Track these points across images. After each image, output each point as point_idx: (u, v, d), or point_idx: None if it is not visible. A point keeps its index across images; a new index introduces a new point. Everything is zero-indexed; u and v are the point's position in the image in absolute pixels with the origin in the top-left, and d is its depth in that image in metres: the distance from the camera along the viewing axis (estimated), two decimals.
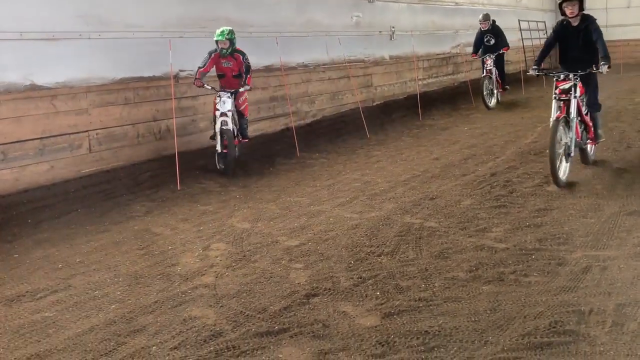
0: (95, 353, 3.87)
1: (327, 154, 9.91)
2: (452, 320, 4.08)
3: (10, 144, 7.35)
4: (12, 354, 3.90)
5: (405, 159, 9.23)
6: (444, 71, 18.00)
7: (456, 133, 11.40)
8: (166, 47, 8.40)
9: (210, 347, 3.88)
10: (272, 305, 4.45)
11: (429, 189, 7.40)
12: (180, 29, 9.49)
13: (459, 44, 18.75)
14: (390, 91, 15.36)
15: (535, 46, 22.98)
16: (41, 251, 5.76)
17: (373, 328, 4.03)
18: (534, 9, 24.68)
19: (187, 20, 9.70)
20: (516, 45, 22.40)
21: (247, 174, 8.60)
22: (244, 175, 8.57)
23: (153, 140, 9.10)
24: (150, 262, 5.38)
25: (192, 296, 4.66)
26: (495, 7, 21.33)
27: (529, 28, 23.22)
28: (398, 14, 15.69)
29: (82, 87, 8.14)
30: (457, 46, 18.70)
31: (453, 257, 5.18)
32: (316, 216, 6.56)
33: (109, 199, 7.46)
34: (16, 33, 7.45)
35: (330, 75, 13.09)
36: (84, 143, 8.13)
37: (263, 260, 5.35)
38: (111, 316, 4.36)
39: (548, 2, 26.56)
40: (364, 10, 14.27)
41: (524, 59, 22.34)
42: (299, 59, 12.19)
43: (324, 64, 12.93)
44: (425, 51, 16.89)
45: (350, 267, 5.09)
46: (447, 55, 18.21)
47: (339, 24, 13.39)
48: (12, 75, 7.44)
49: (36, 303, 4.66)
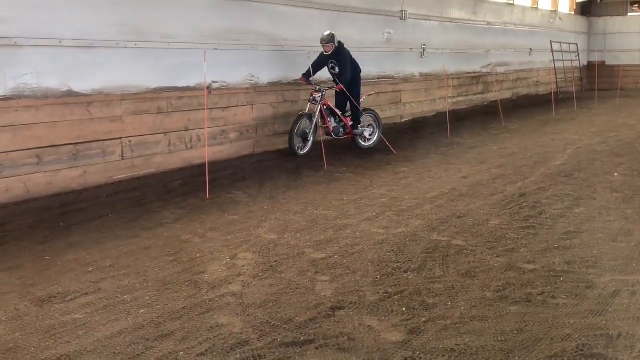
0: (123, 356, 3.92)
1: (355, 168, 9.93)
2: (478, 339, 4.06)
3: (45, 148, 7.52)
4: (42, 354, 3.97)
5: (433, 177, 9.23)
6: (473, 90, 17.98)
7: (485, 152, 11.36)
8: (200, 58, 8.53)
9: (236, 355, 3.92)
10: (298, 316, 4.48)
11: (456, 207, 7.38)
12: (215, 41, 9.64)
13: (489, 63, 18.74)
14: (419, 108, 15.38)
15: (566, 68, 22.89)
16: (72, 254, 5.86)
17: (398, 343, 4.04)
18: (567, 31, 24.58)
19: (222, 32, 9.85)
20: (547, 67, 22.34)
21: (275, 186, 8.67)
22: (272, 186, 8.63)
23: (184, 150, 9.24)
24: (178, 269, 5.45)
25: (219, 304, 4.71)
26: (528, 27, 21.32)
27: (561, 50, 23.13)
28: (429, 32, 15.74)
29: (117, 95, 8.30)
30: (488, 65, 18.68)
31: (480, 276, 5.17)
32: (343, 230, 6.58)
33: (140, 205, 7.56)
34: (55, 40, 7.64)
35: None
36: (116, 150, 8.28)
37: (289, 272, 5.38)
38: (140, 320, 4.42)
39: (581, 24, 26.44)
40: (396, 27, 14.35)
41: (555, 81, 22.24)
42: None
43: None
44: (456, 69, 16.90)
45: (376, 282, 5.10)
46: (477, 74, 18.20)
47: (370, 40, 13.48)
48: (50, 81, 7.62)
49: (67, 305, 4.74)
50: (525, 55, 21.26)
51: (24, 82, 7.35)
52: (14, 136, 7.21)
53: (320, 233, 6.48)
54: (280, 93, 11.02)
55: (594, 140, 12.64)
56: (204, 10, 9.58)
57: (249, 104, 10.09)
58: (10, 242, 6.21)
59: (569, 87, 21.98)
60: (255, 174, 9.29)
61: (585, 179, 8.82)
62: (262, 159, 9.97)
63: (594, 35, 26.92)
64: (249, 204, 7.72)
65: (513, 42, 20.27)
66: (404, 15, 14.49)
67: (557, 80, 22.57)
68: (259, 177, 9.15)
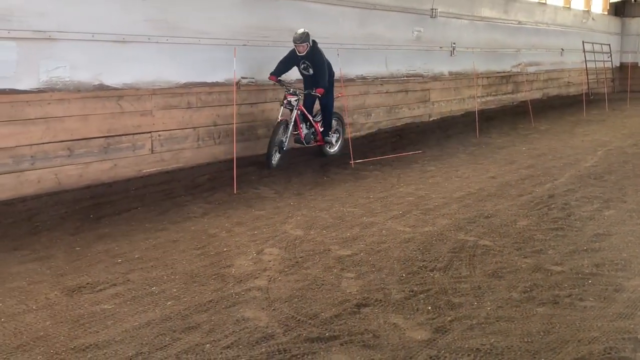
0: (150, 347, 3.98)
1: (382, 166, 9.92)
2: (504, 339, 4.04)
3: (77, 140, 7.64)
4: (71, 343, 4.04)
5: (461, 176, 9.17)
6: (503, 90, 17.83)
7: (514, 153, 11.26)
8: (230, 54, 8.59)
9: (261, 348, 3.95)
10: (323, 312, 4.49)
11: (484, 207, 7.34)
12: (244, 37, 9.69)
13: (520, 62, 18.55)
14: (448, 107, 15.30)
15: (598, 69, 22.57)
16: (102, 245, 5.95)
17: (423, 342, 4.03)
18: (600, 31, 24.22)
19: (252, 29, 9.90)
20: (579, 67, 22.04)
21: (302, 182, 8.69)
22: (299, 183, 8.66)
23: (212, 145, 9.31)
24: (205, 262, 5.50)
25: (245, 298, 4.75)
26: (560, 27, 21.06)
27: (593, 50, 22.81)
28: (460, 30, 15.63)
29: (147, 89, 8.40)
30: (518, 65, 18.50)
31: (507, 277, 5.14)
32: (369, 227, 6.58)
33: (168, 198, 7.64)
34: (88, 34, 7.75)
35: (388, 89, 13.14)
36: (146, 143, 8.37)
37: (315, 268, 5.40)
38: (167, 312, 4.48)
39: (614, 24, 26.03)
40: (426, 25, 14.28)
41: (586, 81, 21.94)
42: (358, 71, 12.28)
43: (383, 77, 12.98)
44: (486, 69, 16.77)
45: (401, 280, 5.10)
46: (507, 73, 18.03)
47: (399, 38, 13.43)
48: (82, 75, 7.73)
49: (96, 295, 4.81)
50: (556, 55, 21.01)
51: (57, 75, 7.47)
52: (46, 128, 7.33)
53: (346, 230, 6.49)
54: None
55: (625, 142, 12.46)
56: (234, 6, 9.64)
57: (277, 100, 10.11)
58: (42, 232, 6.33)
59: (601, 88, 21.65)
60: (282, 170, 9.32)
61: (615, 181, 8.70)
62: (289, 155, 10.00)
63: (627, 36, 26.46)
64: (276, 199, 7.76)
65: (544, 41, 20.04)
66: (434, 14, 14.41)
67: (589, 81, 22.25)
68: (286, 173, 9.19)
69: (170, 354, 3.87)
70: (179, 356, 3.85)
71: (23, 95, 7.15)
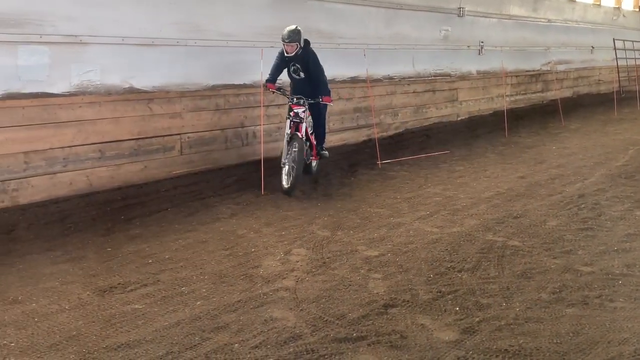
0: (180, 346, 4.04)
1: (409, 166, 9.90)
2: (533, 340, 4.02)
3: (108, 143, 7.75)
4: (103, 342, 4.11)
5: (489, 176, 9.11)
6: (532, 88, 17.64)
7: (543, 152, 11.14)
8: (257, 56, 8.63)
9: (289, 348, 3.98)
10: (351, 312, 4.51)
11: (513, 208, 7.28)
12: (271, 39, 9.72)
13: (549, 61, 18.34)
14: (476, 106, 15.19)
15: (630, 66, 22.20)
16: (133, 246, 6.04)
17: (451, 343, 4.03)
18: (631, 28, 23.82)
19: (278, 30, 9.90)
20: (610, 65, 21.71)
21: (329, 183, 8.71)
22: (325, 183, 8.68)
23: (240, 146, 9.37)
24: (234, 263, 5.56)
25: (273, 298, 4.79)
26: (590, 24, 20.77)
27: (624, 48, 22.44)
28: (488, 29, 15.51)
29: (176, 92, 8.49)
30: (548, 63, 18.29)
31: (536, 278, 5.10)
32: (396, 228, 6.58)
33: (197, 199, 7.73)
34: (118, 38, 7.86)
35: (415, 89, 13.09)
36: (175, 145, 8.47)
37: (342, 268, 5.42)
38: (196, 312, 4.54)
39: None
40: (453, 24, 14.20)
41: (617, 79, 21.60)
42: (385, 72, 12.26)
43: (410, 77, 12.94)
44: (514, 67, 16.61)
45: (429, 281, 5.09)
46: (536, 72, 17.84)
47: (427, 38, 13.38)
48: (112, 78, 7.84)
49: (127, 295, 4.89)
50: (586, 53, 20.71)
51: (88, 78, 7.59)
52: (78, 131, 7.46)
53: (374, 231, 6.50)
54: (335, 90, 11.03)
55: None
56: (260, 8, 9.70)
57: None
58: (74, 233, 6.44)
59: (632, 86, 21.28)
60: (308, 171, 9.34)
61: None
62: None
63: None
64: (303, 200, 7.79)
65: (574, 39, 19.77)
66: (462, 12, 14.32)
67: (620, 78, 21.89)
68: (313, 173, 9.21)
69: (199, 354, 3.93)
70: (208, 356, 3.90)
71: (55, 99, 7.28)
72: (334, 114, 11.03)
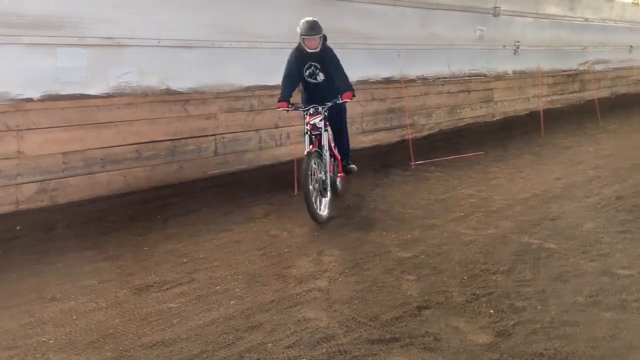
0: (215, 345, 4.08)
1: (443, 167, 9.83)
2: (568, 344, 3.97)
3: (145, 143, 7.87)
4: (139, 340, 4.18)
5: (525, 177, 9.00)
6: (569, 88, 17.37)
7: (580, 153, 10.96)
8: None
9: (322, 349, 3.99)
10: (384, 314, 4.50)
11: (549, 209, 7.18)
12: None
13: (586, 61, 18.04)
14: (512, 107, 15.02)
15: None
16: (168, 245, 6.13)
17: (485, 345, 3.99)
18: None
19: None
20: None
21: (361, 183, 8.70)
22: (358, 184, 8.68)
23: (274, 146, 9.43)
24: (267, 263, 5.59)
25: (306, 298, 4.81)
26: (628, 23, 20.36)
27: None
28: (523, 29, 15.33)
29: (212, 93, 8.59)
30: (585, 63, 18.00)
31: (572, 281, 5.03)
32: (429, 229, 6.55)
33: (231, 200, 7.79)
34: (155, 40, 7.98)
35: (450, 89, 13.00)
36: (210, 146, 8.56)
37: (375, 269, 5.41)
38: (231, 311, 4.58)
39: None
40: (489, 24, 14.07)
41: None
42: (419, 72, 12.20)
43: (444, 77, 12.86)
44: (551, 67, 16.38)
45: (463, 283, 5.06)
46: (573, 72, 17.57)
47: (461, 38, 13.28)
48: (149, 79, 7.97)
49: (162, 294, 4.96)
50: (625, 52, 20.31)
51: (125, 80, 7.72)
52: (116, 132, 7.59)
53: (407, 232, 6.47)
54: (369, 91, 11.05)
55: None
56: (294, 10, 9.72)
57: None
58: (112, 232, 6.56)
59: None
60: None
61: None
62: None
63: None
64: (335, 201, 7.78)
65: (612, 39, 19.40)
66: (497, 12, 14.18)
67: None
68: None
69: (233, 353, 3.96)
70: (242, 355, 3.94)
71: (93, 100, 7.43)
72: (368, 115, 11.03)
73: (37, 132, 6.93)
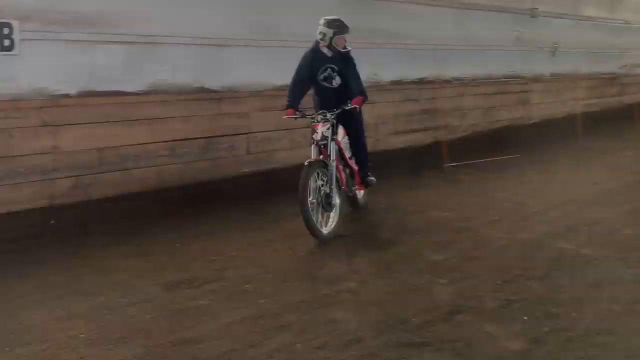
0: (244, 343, 4.06)
1: (476, 170, 9.71)
2: (604, 353, 3.86)
3: (179, 140, 7.91)
4: (169, 336, 4.19)
5: (561, 182, 8.85)
6: (608, 92, 17.03)
7: (619, 158, 10.74)
8: None
9: (352, 351, 3.95)
10: (414, 317, 4.44)
11: (586, 215, 7.04)
12: None
13: (626, 64, 17.68)
14: (549, 110, 14.78)
15: None
16: (200, 243, 6.16)
17: (518, 352, 3.91)
18: None
19: None
20: None
21: (393, 185, 8.63)
22: (390, 186, 8.60)
23: (306, 146, 9.38)
24: (298, 262, 5.59)
25: (336, 299, 4.77)
26: None
27: None
28: (561, 30, 15.08)
29: (245, 92, 8.61)
30: (625, 66, 17.64)
31: (609, 288, 4.90)
32: (462, 233, 6.46)
33: (263, 199, 7.80)
34: (190, 38, 8.02)
35: (485, 90, 12.84)
36: (243, 144, 8.58)
37: (406, 272, 5.35)
38: (260, 310, 4.56)
39: None
40: (526, 25, 13.87)
41: None
42: (454, 73, 12.08)
43: (479, 78, 12.71)
44: (589, 70, 16.08)
45: (496, 288, 4.97)
46: (612, 75, 17.22)
47: (498, 39, 13.12)
48: (184, 77, 8.01)
49: (193, 291, 4.97)
50: None
51: (160, 78, 7.77)
52: (150, 129, 7.64)
53: (439, 235, 6.40)
54: (402, 91, 10.97)
55: None
56: (330, 9, 9.63)
57: (370, 102, 10.09)
58: (145, 229, 6.62)
59: None
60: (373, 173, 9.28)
61: None
62: (381, 158, 9.95)
63: None
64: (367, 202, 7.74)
65: None
66: (535, 13, 13.97)
67: None
68: (377, 175, 9.12)
69: (262, 352, 3.94)
70: (271, 354, 3.91)
71: (129, 97, 7.49)
72: (401, 116, 10.94)
73: (73, 127, 7.01)
